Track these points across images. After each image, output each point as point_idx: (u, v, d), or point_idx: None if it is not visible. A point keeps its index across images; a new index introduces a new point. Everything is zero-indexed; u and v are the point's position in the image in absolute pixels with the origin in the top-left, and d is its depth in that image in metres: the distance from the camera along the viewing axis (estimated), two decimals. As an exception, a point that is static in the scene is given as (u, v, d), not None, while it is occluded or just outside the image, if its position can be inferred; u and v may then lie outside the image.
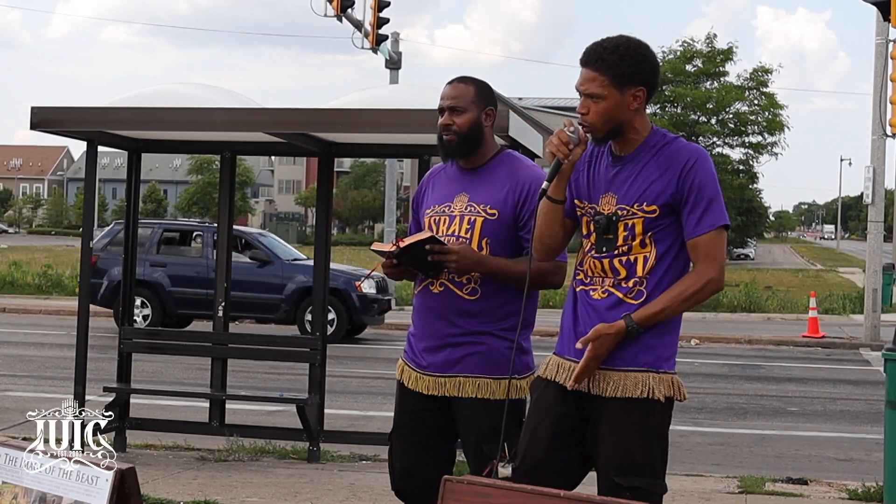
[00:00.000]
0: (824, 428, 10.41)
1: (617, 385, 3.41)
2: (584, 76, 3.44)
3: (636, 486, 3.36)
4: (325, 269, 7.80)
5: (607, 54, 3.42)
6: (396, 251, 3.82)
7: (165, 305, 17.22)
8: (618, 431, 3.41)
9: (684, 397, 3.49)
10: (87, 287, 7.76)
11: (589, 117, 3.43)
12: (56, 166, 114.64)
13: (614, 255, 3.45)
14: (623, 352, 3.42)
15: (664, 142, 3.47)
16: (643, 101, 3.46)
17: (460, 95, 3.91)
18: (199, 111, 7.12)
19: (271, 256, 17.54)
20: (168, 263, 17.58)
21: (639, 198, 3.42)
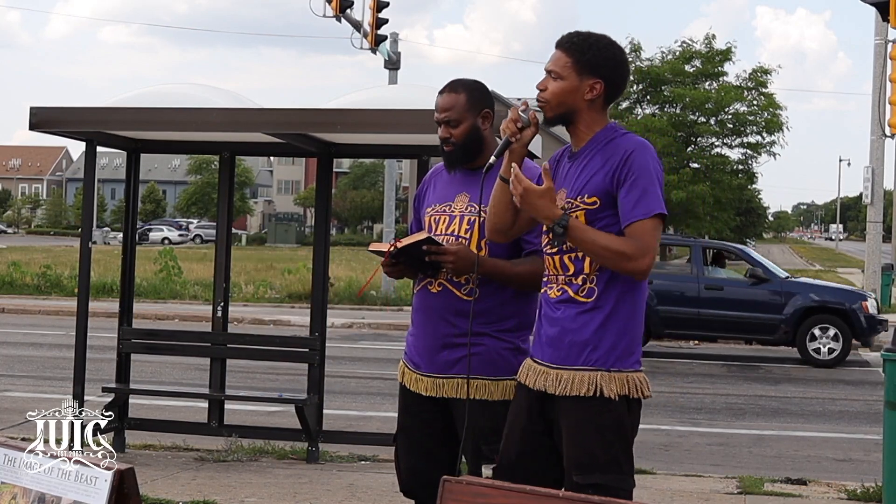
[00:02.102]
0: (823, 428, 10.42)
1: (567, 384, 3.44)
2: (553, 56, 3.54)
3: (595, 482, 3.36)
4: (324, 269, 7.79)
5: (578, 40, 3.52)
6: (394, 251, 3.82)
7: (650, 324, 15.76)
8: (575, 430, 3.43)
9: (644, 395, 3.48)
10: (86, 287, 7.75)
11: (545, 94, 3.51)
12: (55, 167, 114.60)
13: (563, 251, 3.48)
14: (574, 351, 3.44)
15: (612, 136, 3.51)
16: (599, 94, 3.50)
17: (452, 106, 3.90)
18: (198, 111, 7.12)
19: (768, 274, 16.41)
20: (653, 279, 16.19)
21: (581, 190, 3.47)
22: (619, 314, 3.46)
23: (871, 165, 23.18)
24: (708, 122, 34.61)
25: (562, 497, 2.50)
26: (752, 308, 15.90)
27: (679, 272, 17.09)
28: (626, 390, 3.43)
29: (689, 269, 16.76)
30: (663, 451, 8.92)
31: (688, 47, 35.04)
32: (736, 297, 15.97)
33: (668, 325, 16.11)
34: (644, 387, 3.48)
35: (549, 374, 3.48)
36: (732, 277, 16.59)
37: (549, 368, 3.49)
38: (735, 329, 15.99)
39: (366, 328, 19.84)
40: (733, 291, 16.11)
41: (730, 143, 35.30)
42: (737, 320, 15.71)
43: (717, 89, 34.23)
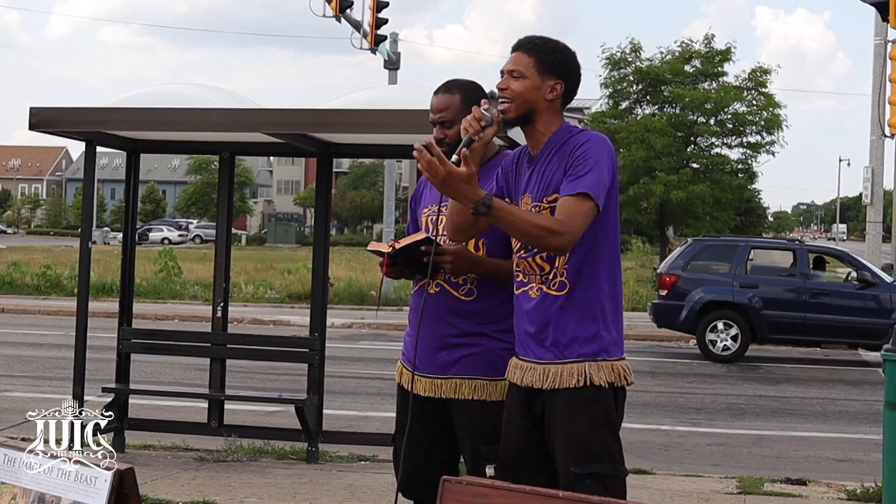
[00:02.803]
0: (823, 428, 10.42)
1: (555, 377, 3.50)
2: (513, 58, 3.60)
3: (594, 471, 3.43)
4: (324, 270, 7.79)
5: (539, 42, 3.62)
6: (392, 252, 3.82)
7: (755, 329, 15.90)
8: (568, 422, 3.48)
9: (629, 382, 3.56)
10: (86, 287, 7.75)
11: (507, 92, 3.56)
12: (55, 167, 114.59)
13: (534, 252, 3.54)
14: (559, 345, 3.50)
15: (568, 135, 3.57)
16: (559, 96, 3.58)
17: (447, 107, 3.91)
18: (198, 111, 7.12)
19: (876, 278, 16.21)
20: (760, 284, 16.36)
21: (545, 191, 3.53)
22: (594, 304, 3.52)
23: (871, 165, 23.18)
24: (707, 122, 34.59)
25: (562, 497, 2.50)
26: (861, 313, 15.69)
27: (785, 277, 16.91)
28: (613, 378, 3.51)
29: (795, 274, 16.57)
30: (663, 452, 8.92)
31: (687, 47, 35.02)
32: (844, 301, 15.83)
33: (774, 329, 15.97)
34: (628, 374, 3.57)
35: (536, 370, 3.54)
36: (839, 282, 16.47)
37: (535, 364, 3.55)
38: (842, 334, 15.82)
39: (365, 328, 19.84)
40: (841, 296, 15.99)
41: (729, 143, 35.28)
42: (844, 325, 15.59)
43: (716, 89, 34.21)
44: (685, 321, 16.15)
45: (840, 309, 15.72)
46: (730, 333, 15.93)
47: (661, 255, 37.24)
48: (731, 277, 16.19)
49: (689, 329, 16.35)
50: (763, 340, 16.36)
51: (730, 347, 15.89)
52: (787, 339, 16.31)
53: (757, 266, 18.04)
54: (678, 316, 16.15)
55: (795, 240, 20.57)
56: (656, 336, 19.09)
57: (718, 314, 16.01)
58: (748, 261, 16.96)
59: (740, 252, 16.60)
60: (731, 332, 15.94)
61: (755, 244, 19.00)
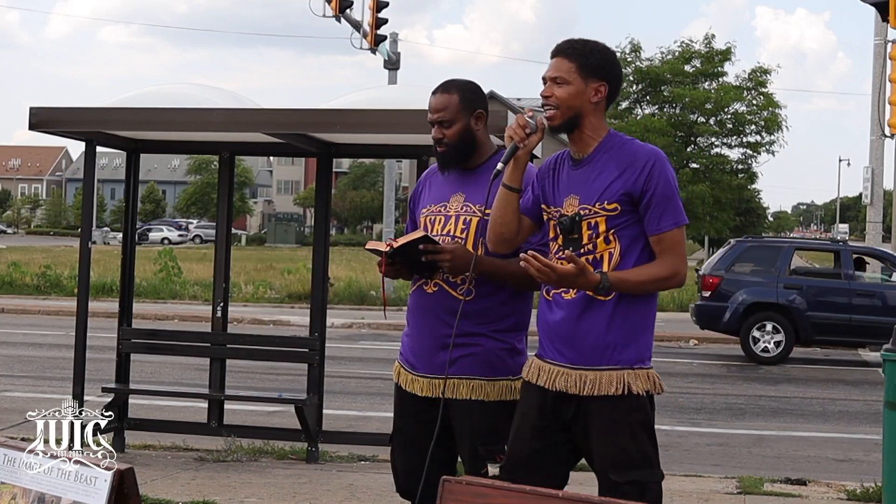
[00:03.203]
0: (823, 428, 10.42)
1: (594, 384, 3.48)
2: (554, 64, 3.60)
3: (633, 479, 3.45)
4: (324, 270, 7.79)
5: (578, 46, 3.60)
6: (390, 251, 3.82)
7: (799, 330, 15.83)
8: (607, 430, 3.48)
9: (662, 390, 3.58)
10: (85, 287, 7.75)
11: (552, 100, 3.56)
12: (55, 167, 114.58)
13: (580, 253, 3.51)
14: (598, 351, 3.49)
15: (621, 143, 3.58)
16: (603, 98, 3.59)
17: (445, 107, 3.90)
18: (198, 111, 7.12)
19: None
20: (804, 286, 16.23)
21: (599, 196, 3.51)
22: (637, 312, 3.53)
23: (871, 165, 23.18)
24: (707, 122, 34.62)
25: (561, 497, 2.50)
26: None
27: (829, 278, 16.82)
28: (649, 386, 3.53)
29: (839, 275, 16.47)
30: (663, 452, 8.84)
31: (687, 47, 35.07)
32: (889, 303, 15.72)
33: (819, 331, 15.87)
34: (661, 382, 3.60)
35: (571, 375, 3.51)
36: (885, 282, 16.34)
37: (569, 369, 3.52)
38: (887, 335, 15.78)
39: (365, 328, 19.85)
40: (885, 297, 15.87)
41: (729, 143, 35.31)
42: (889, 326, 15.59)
43: (716, 89, 34.23)
44: (728, 323, 16.07)
45: (885, 310, 15.56)
46: (773, 335, 15.90)
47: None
48: (775, 279, 16.10)
49: (732, 331, 16.26)
50: (807, 342, 16.28)
51: (773, 349, 15.85)
52: (831, 340, 16.20)
53: (799, 267, 17.87)
54: (721, 317, 16.08)
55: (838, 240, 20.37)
56: (656, 336, 18.98)
57: (762, 316, 15.95)
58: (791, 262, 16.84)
59: (784, 253, 16.50)
60: (774, 333, 15.91)
61: (798, 245, 18.90)
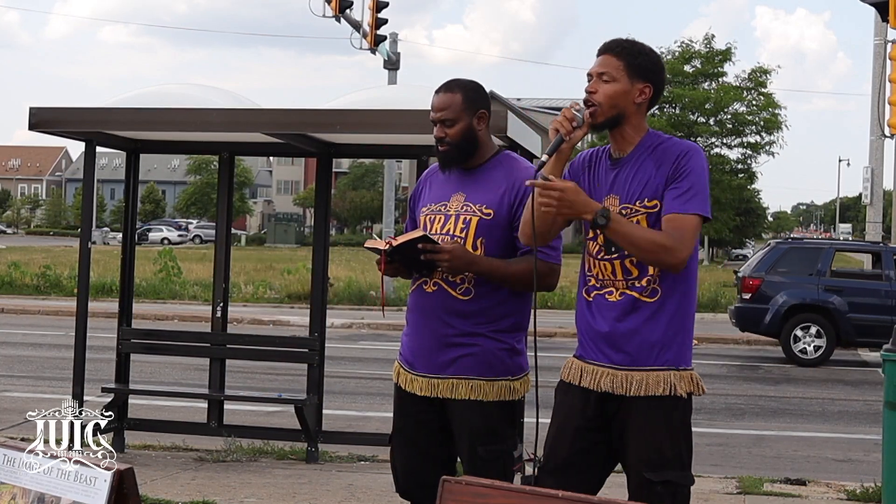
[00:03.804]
0: (823, 429, 10.42)
1: (640, 384, 3.49)
2: (601, 61, 3.57)
3: (667, 479, 3.46)
4: (324, 270, 7.79)
5: (627, 45, 3.59)
6: (389, 249, 3.82)
7: (841, 332, 15.81)
8: (645, 428, 3.49)
9: (703, 391, 3.59)
10: (85, 287, 7.75)
11: (597, 96, 3.53)
12: (54, 167, 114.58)
13: (624, 255, 3.50)
14: (644, 352, 3.49)
15: (659, 141, 3.57)
16: (647, 99, 3.58)
17: (448, 106, 3.89)
18: (198, 112, 7.12)
19: None
20: (845, 288, 16.19)
21: (640, 194, 3.50)
22: (681, 313, 3.54)
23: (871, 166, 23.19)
24: (707, 122, 34.64)
25: (561, 497, 2.50)
26: None
27: (870, 279, 16.75)
28: (692, 387, 3.55)
29: (880, 276, 16.38)
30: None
31: (687, 48, 35.08)
32: None
33: (860, 333, 15.80)
34: (703, 384, 3.61)
35: (617, 376, 3.51)
36: None
37: (615, 370, 3.52)
38: None
39: (365, 328, 19.84)
40: None
41: (729, 143, 35.32)
42: None
43: (716, 89, 34.24)
44: (770, 325, 16.04)
45: None
46: (815, 337, 15.83)
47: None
48: (816, 280, 16.06)
49: (773, 333, 16.22)
50: (848, 344, 16.23)
51: (814, 351, 15.80)
52: (872, 342, 16.01)
53: (840, 269, 17.83)
54: (762, 319, 16.04)
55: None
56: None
57: (803, 317, 15.92)
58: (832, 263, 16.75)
59: (824, 255, 16.42)
60: (816, 335, 15.84)
61: (839, 247, 18.81)
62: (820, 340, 15.81)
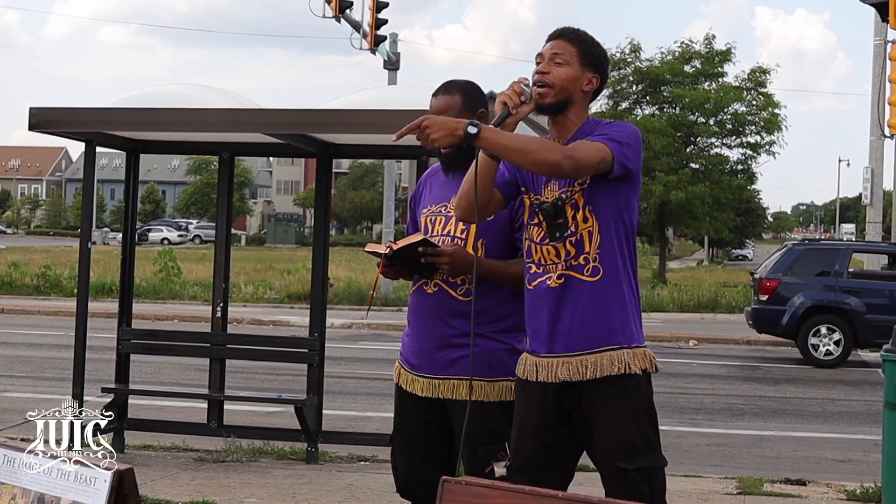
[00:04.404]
0: (822, 429, 10.42)
1: (595, 367, 3.47)
2: (554, 44, 3.58)
3: (641, 466, 3.44)
4: (324, 270, 7.79)
5: (581, 34, 3.62)
6: (389, 253, 3.82)
7: (858, 333, 15.75)
8: (610, 417, 3.46)
9: (657, 369, 3.56)
10: (85, 287, 7.75)
11: (550, 77, 3.53)
12: (54, 167, 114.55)
13: (566, 236, 3.51)
14: (593, 334, 3.48)
15: (596, 123, 3.57)
16: (593, 90, 3.60)
17: (448, 108, 3.89)
18: (198, 112, 7.12)
19: None
20: (862, 288, 16.15)
21: None
22: (624, 291, 3.52)
23: (871, 166, 23.20)
24: (707, 122, 34.60)
25: (561, 497, 2.50)
26: None
27: (888, 280, 16.70)
28: (646, 364, 3.52)
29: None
30: (662, 452, 8.91)
31: (687, 48, 35.05)
32: None
33: (878, 333, 15.51)
34: (656, 361, 3.59)
35: (571, 363, 3.49)
36: None
37: (568, 358, 3.50)
38: None
39: (365, 328, 19.85)
40: None
41: (729, 143, 35.30)
42: None
43: (716, 90, 34.22)
44: (787, 326, 16.01)
45: None
46: (832, 338, 15.78)
47: (661, 255, 37.27)
48: (833, 282, 16.04)
49: (790, 334, 16.20)
50: (865, 345, 16.19)
51: (832, 352, 15.76)
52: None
53: (857, 270, 17.86)
54: (779, 321, 16.01)
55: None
56: (655, 336, 19.10)
57: (820, 319, 15.88)
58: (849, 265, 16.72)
59: (841, 256, 16.40)
60: (833, 336, 15.79)
61: (856, 248, 18.77)
62: (837, 338, 15.75)
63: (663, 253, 37.62)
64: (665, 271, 35.69)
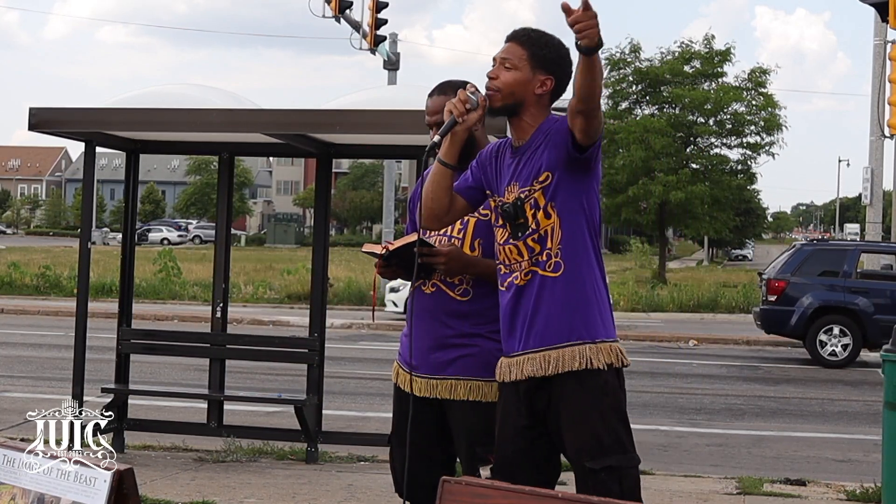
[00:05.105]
0: (822, 429, 10.42)
1: (557, 363, 3.48)
2: (506, 47, 3.60)
3: (608, 465, 3.43)
4: (324, 270, 7.79)
5: (534, 36, 3.61)
6: (385, 254, 3.82)
7: (867, 334, 15.71)
8: (575, 415, 3.46)
9: (625, 363, 3.54)
10: (85, 288, 7.75)
11: (497, 82, 3.56)
12: (54, 167, 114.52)
13: (528, 234, 3.53)
14: (554, 329, 3.48)
15: (555, 120, 3.57)
16: (548, 91, 3.59)
17: (443, 108, 3.90)
18: (198, 112, 7.12)
19: None
20: (871, 289, 16.16)
21: (535, 174, 3.52)
22: (587, 285, 3.53)
23: (871, 166, 23.18)
24: (707, 122, 34.59)
25: (561, 497, 2.51)
26: None
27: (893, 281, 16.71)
28: (612, 359, 3.50)
29: None
30: (662, 452, 8.92)
31: (687, 48, 35.04)
32: None
33: (886, 334, 15.74)
34: (624, 355, 3.56)
35: (535, 359, 3.51)
36: None
37: (533, 354, 3.52)
38: None
39: (365, 328, 19.85)
40: None
41: (729, 143, 35.29)
42: None
43: (716, 90, 34.21)
44: (795, 326, 15.98)
45: None
46: (840, 339, 15.77)
47: (661, 255, 37.26)
48: (842, 282, 16.02)
49: (798, 335, 16.16)
50: (874, 345, 16.03)
51: (840, 353, 15.74)
52: None
53: (866, 270, 17.88)
54: (788, 321, 15.97)
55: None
56: (655, 336, 19.11)
57: (829, 319, 15.85)
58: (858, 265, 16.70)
59: (850, 256, 16.40)
60: (841, 337, 15.77)
61: (864, 248, 18.80)
62: (846, 341, 15.71)
63: (663, 253, 37.61)
64: (665, 271, 35.68)
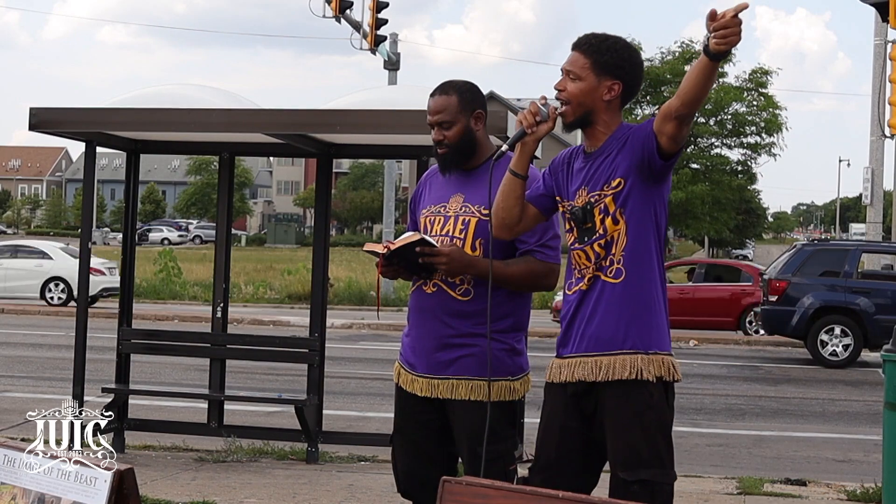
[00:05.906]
0: (823, 429, 10.42)
1: (608, 369, 3.46)
2: (570, 58, 3.59)
3: (642, 478, 3.40)
4: (324, 270, 7.79)
5: (596, 41, 3.57)
6: (387, 253, 3.82)
7: (868, 334, 15.76)
8: (618, 425, 3.44)
9: (677, 378, 3.51)
10: (85, 288, 7.75)
11: (564, 93, 3.55)
12: (55, 167, 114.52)
13: (594, 239, 3.52)
14: (611, 337, 3.46)
15: (629, 129, 3.56)
16: (617, 96, 3.56)
17: (444, 109, 3.90)
18: (198, 112, 7.12)
19: None
20: (872, 289, 16.24)
21: (606, 179, 3.51)
22: (647, 294, 3.50)
23: (871, 166, 23.18)
24: (707, 122, 34.62)
25: (561, 497, 2.51)
26: None
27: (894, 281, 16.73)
28: (663, 372, 3.47)
29: None
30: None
31: (687, 48, 35.07)
32: None
33: (887, 334, 15.72)
34: (677, 370, 3.53)
35: (587, 363, 3.50)
36: None
37: (585, 358, 3.50)
38: None
39: (365, 328, 19.85)
40: None
41: (729, 143, 35.31)
42: None
43: (716, 90, 34.23)
44: (796, 327, 15.98)
45: None
46: (842, 339, 15.77)
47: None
48: (843, 282, 16.00)
49: (799, 335, 16.17)
50: (875, 346, 16.04)
51: (841, 353, 15.75)
52: None
53: (867, 270, 17.89)
54: (789, 322, 15.97)
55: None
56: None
57: (830, 319, 15.85)
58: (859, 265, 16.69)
59: (851, 256, 16.38)
60: (842, 337, 15.78)
61: (865, 248, 18.81)
62: (847, 341, 15.72)
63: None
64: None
